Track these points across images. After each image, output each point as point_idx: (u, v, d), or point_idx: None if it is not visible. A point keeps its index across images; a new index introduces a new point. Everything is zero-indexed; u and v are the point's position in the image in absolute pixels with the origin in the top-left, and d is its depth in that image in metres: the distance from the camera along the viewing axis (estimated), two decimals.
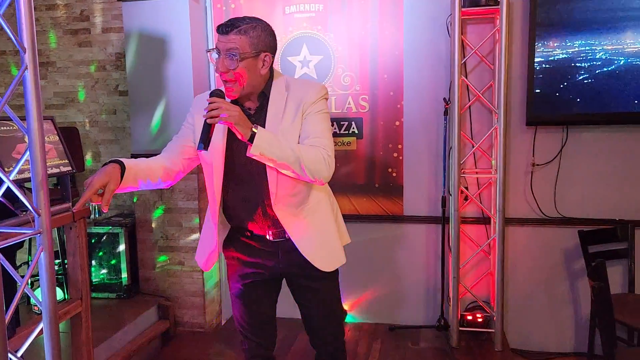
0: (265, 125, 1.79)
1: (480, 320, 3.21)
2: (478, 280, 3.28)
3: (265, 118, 1.81)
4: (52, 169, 2.19)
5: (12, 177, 1.23)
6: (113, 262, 3.51)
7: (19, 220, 1.99)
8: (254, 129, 1.63)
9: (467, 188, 3.24)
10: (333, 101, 3.40)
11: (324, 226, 1.96)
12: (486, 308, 3.20)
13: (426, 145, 3.35)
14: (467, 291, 3.18)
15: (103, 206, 1.57)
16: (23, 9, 1.17)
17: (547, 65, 3.00)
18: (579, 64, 2.96)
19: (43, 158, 1.24)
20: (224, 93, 1.75)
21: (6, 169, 1.92)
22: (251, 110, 1.85)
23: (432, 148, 3.34)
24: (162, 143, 3.42)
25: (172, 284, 3.51)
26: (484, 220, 3.29)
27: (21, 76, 1.19)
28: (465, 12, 2.96)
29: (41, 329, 1.33)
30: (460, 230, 3.10)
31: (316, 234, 1.92)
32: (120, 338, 3.01)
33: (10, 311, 1.22)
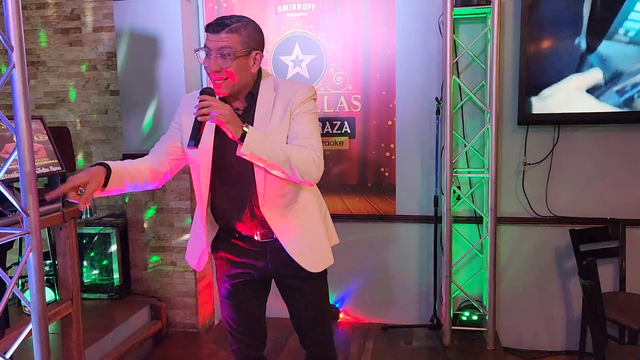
0: (253, 125, 1.78)
1: (472, 319, 3.23)
2: (470, 279, 3.28)
3: (253, 118, 1.80)
4: (42, 169, 2.17)
5: (0, 177, 1.22)
6: (105, 263, 3.49)
7: (8, 220, 1.97)
8: (245, 128, 1.62)
9: (460, 187, 3.24)
10: (325, 101, 3.40)
11: (312, 227, 1.95)
12: (478, 307, 3.21)
13: (418, 144, 3.36)
14: (460, 290, 3.19)
15: (81, 204, 1.56)
16: (10, 7, 1.15)
17: (539, 64, 3.01)
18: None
19: (31, 158, 1.23)
20: (214, 91, 1.74)
21: None
22: (239, 110, 1.83)
23: (425, 147, 3.35)
24: (154, 143, 3.36)
25: (164, 285, 3.50)
26: (476, 219, 3.30)
27: (8, 75, 1.17)
28: (457, 12, 2.97)
29: (30, 330, 1.32)
30: (452, 229, 3.10)
31: (304, 235, 1.91)
32: (111, 339, 3.00)
33: None
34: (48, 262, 3.11)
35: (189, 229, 3.38)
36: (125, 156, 3.48)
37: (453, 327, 3.16)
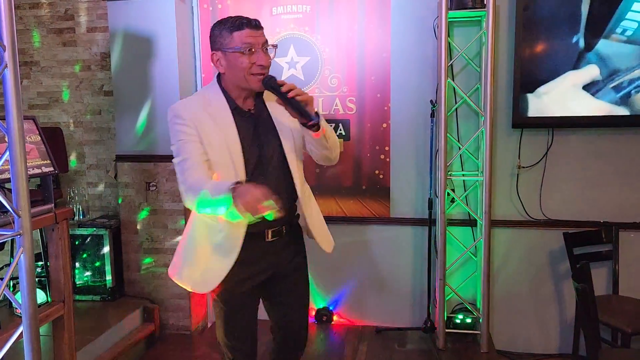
0: (274, 123, 1.86)
1: (466, 321, 3.23)
2: (464, 282, 3.28)
3: (268, 117, 1.86)
4: (34, 170, 2.15)
5: None
6: (97, 264, 3.47)
7: (0, 221, 1.95)
8: (316, 109, 1.74)
9: (454, 190, 3.25)
10: (320, 103, 3.40)
11: (319, 210, 2.09)
12: (472, 310, 3.21)
13: (413, 147, 3.36)
14: (454, 293, 3.19)
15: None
16: (3, 6, 1.14)
17: (535, 62, 3.02)
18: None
19: (23, 158, 1.22)
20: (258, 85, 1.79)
21: None
22: (251, 110, 1.87)
23: (419, 150, 3.35)
24: (148, 144, 3.40)
25: (158, 287, 3.48)
26: (470, 222, 3.30)
27: (0, 74, 1.16)
28: (452, 15, 2.97)
29: (21, 333, 1.31)
30: (446, 232, 3.10)
31: (319, 218, 2.06)
32: (103, 341, 2.98)
33: None
34: (40, 264, 3.09)
35: (182, 231, 3.37)
36: (118, 157, 3.46)
37: (447, 330, 3.16)
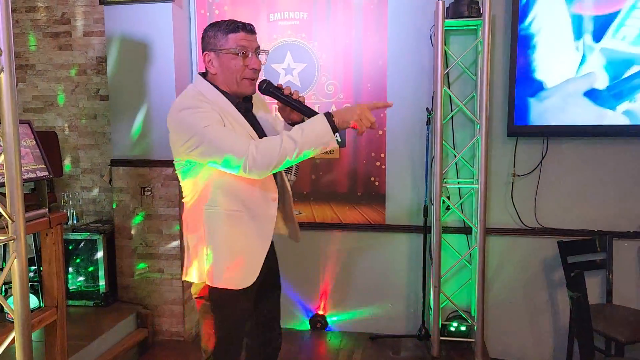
0: (258, 120, 1.98)
1: (460, 329, 3.22)
2: (459, 289, 3.28)
3: (254, 114, 1.96)
4: (28, 174, 2.14)
5: None
6: (91, 270, 3.45)
7: None
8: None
9: (449, 197, 3.25)
10: (316, 109, 3.38)
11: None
12: (467, 317, 3.21)
13: (409, 154, 3.37)
14: (448, 300, 3.19)
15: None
16: (0, 10, 1.14)
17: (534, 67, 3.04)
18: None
19: (18, 162, 1.21)
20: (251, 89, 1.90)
21: None
22: (247, 106, 1.95)
23: (415, 157, 3.36)
24: (143, 149, 3.39)
25: (151, 292, 3.46)
26: (465, 229, 3.31)
27: None
28: (448, 23, 2.99)
29: (13, 338, 1.30)
30: (441, 239, 3.11)
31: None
32: (96, 347, 2.95)
33: None
34: (33, 269, 3.07)
35: (177, 236, 3.37)
36: (113, 162, 3.45)
37: (441, 338, 3.16)
